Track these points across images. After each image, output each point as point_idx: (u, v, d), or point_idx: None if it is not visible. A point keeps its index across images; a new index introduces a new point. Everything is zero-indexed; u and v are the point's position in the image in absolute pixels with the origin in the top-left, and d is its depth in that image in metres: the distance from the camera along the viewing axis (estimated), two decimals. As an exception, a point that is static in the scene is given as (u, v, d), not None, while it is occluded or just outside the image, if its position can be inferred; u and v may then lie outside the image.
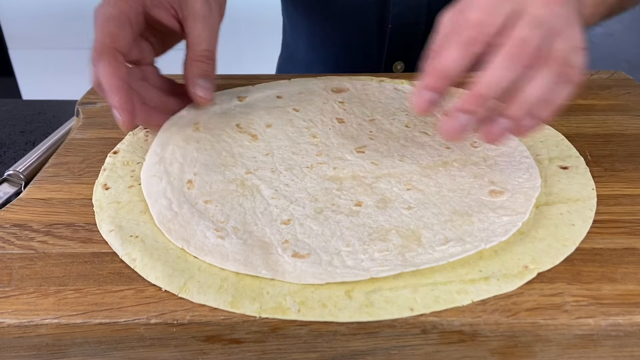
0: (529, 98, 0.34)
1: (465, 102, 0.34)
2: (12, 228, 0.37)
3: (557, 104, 0.34)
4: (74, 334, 0.30)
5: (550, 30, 0.34)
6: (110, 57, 0.40)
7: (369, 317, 0.30)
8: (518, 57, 0.33)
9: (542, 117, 0.34)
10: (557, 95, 0.34)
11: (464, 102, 0.34)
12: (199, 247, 0.34)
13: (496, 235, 0.34)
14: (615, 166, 0.42)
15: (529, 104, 0.34)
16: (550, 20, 0.34)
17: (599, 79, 0.56)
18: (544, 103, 0.34)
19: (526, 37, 0.33)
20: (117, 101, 0.40)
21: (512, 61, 0.33)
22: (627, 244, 0.34)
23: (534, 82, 0.34)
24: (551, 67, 0.34)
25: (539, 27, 0.34)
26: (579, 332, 0.30)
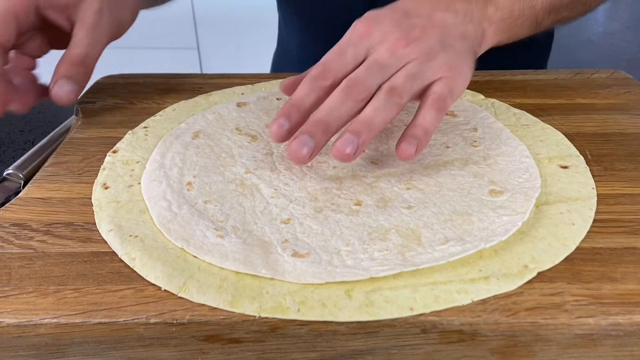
0: (366, 117, 0.38)
1: (306, 126, 0.38)
2: (11, 227, 0.37)
3: (382, 122, 0.39)
4: (73, 333, 0.30)
5: (387, 69, 0.40)
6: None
7: (369, 316, 0.30)
8: (348, 92, 0.39)
9: (378, 128, 0.39)
10: (384, 115, 0.39)
11: (305, 126, 0.38)
12: (198, 246, 0.34)
13: (496, 234, 0.34)
14: (615, 165, 0.42)
15: (367, 122, 0.38)
16: (390, 63, 0.41)
17: (599, 78, 0.56)
18: (378, 119, 0.39)
19: (358, 76, 0.40)
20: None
21: (345, 94, 0.39)
22: (627, 244, 0.34)
23: (370, 105, 0.39)
24: (380, 97, 0.39)
25: (373, 68, 0.40)
26: (579, 331, 0.30)
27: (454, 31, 0.44)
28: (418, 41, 0.42)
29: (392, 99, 0.39)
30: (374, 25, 0.43)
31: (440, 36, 0.43)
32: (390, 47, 0.41)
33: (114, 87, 0.57)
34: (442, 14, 0.44)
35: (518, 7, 0.48)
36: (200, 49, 1.85)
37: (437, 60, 0.42)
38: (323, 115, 0.39)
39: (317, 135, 0.38)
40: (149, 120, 0.49)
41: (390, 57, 0.41)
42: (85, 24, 0.47)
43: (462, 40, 0.44)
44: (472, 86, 0.54)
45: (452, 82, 0.41)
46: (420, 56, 0.41)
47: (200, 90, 0.55)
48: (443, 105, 0.40)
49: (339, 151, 0.37)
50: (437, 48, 0.42)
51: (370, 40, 0.42)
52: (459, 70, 0.42)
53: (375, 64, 0.41)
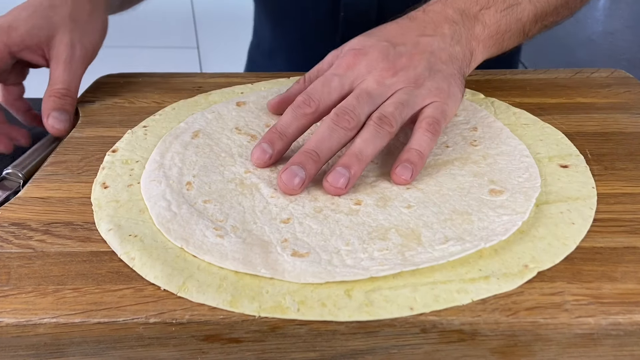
0: (356, 149, 0.39)
1: (297, 156, 0.39)
2: (10, 227, 0.37)
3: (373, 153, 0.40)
4: (73, 333, 0.30)
5: (376, 98, 0.41)
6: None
7: (369, 316, 0.30)
8: (338, 122, 0.40)
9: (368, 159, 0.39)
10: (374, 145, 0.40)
11: (296, 157, 0.39)
12: (198, 246, 0.34)
13: (496, 234, 0.34)
14: (615, 165, 0.42)
15: (357, 154, 0.39)
16: (378, 92, 0.42)
17: (598, 77, 0.56)
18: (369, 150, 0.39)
19: (348, 105, 0.40)
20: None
21: (335, 124, 0.40)
22: (627, 243, 0.34)
23: (360, 136, 0.40)
24: (369, 127, 0.40)
25: (363, 97, 0.41)
26: (579, 331, 0.30)
27: (442, 55, 0.44)
28: (405, 70, 0.43)
29: (382, 129, 0.40)
30: (360, 56, 0.43)
31: (428, 62, 0.43)
32: (378, 77, 0.42)
33: (114, 86, 0.57)
34: (428, 39, 0.45)
35: (505, 22, 0.48)
36: (200, 49, 1.85)
37: (425, 87, 0.42)
38: (313, 146, 0.39)
39: (308, 165, 0.38)
40: (149, 120, 0.49)
41: (379, 86, 0.42)
42: (61, 59, 0.50)
43: (450, 63, 0.44)
44: (472, 85, 0.54)
45: (442, 105, 0.42)
46: (409, 84, 0.42)
47: (200, 90, 0.55)
48: (437, 129, 0.41)
49: (331, 185, 0.38)
50: (425, 74, 0.43)
51: (357, 71, 0.43)
52: (447, 93, 0.43)
53: (364, 93, 0.41)
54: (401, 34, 0.45)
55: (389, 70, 0.42)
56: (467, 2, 0.48)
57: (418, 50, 0.44)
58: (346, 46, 0.46)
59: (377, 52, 0.43)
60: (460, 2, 0.47)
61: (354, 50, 0.44)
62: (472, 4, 0.48)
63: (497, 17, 0.48)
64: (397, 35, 0.45)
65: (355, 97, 0.41)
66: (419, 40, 0.44)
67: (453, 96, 0.43)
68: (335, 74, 0.43)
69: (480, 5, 0.48)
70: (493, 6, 0.48)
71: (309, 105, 0.41)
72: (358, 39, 0.46)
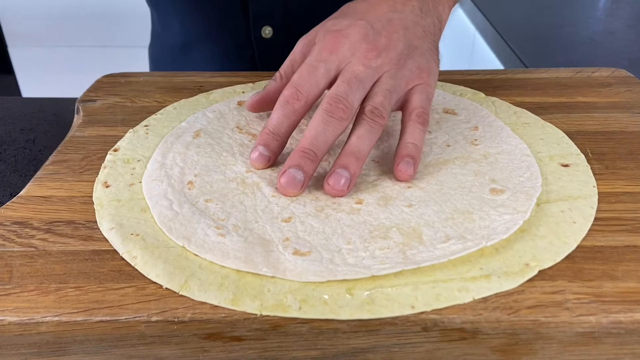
0: (353, 147, 0.38)
1: (293, 157, 0.38)
2: (12, 226, 0.37)
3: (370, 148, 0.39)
4: (75, 331, 0.30)
5: (366, 82, 0.40)
6: None
7: (370, 314, 0.30)
8: (333, 113, 0.39)
9: (366, 155, 0.39)
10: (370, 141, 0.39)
11: (293, 158, 0.38)
12: (199, 245, 0.34)
13: (497, 233, 0.34)
14: (616, 164, 0.42)
15: (354, 152, 0.38)
16: (366, 75, 0.40)
17: (599, 77, 0.56)
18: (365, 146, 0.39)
19: (342, 93, 0.39)
20: None
21: (329, 116, 0.38)
22: (628, 242, 0.34)
23: (355, 134, 0.39)
24: (363, 122, 0.39)
25: (354, 83, 0.40)
26: (580, 329, 0.30)
27: (416, 30, 0.44)
28: (387, 50, 0.42)
29: (375, 123, 0.40)
30: (341, 38, 0.42)
31: (405, 39, 0.43)
32: (363, 59, 0.41)
33: (115, 85, 0.57)
34: (400, 15, 0.44)
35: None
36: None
37: (407, 67, 0.42)
38: (309, 143, 0.39)
39: (306, 166, 0.38)
40: (150, 119, 0.49)
41: (366, 69, 0.41)
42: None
43: (424, 37, 0.44)
44: (473, 85, 0.54)
45: (426, 87, 0.42)
46: (393, 67, 0.42)
47: (201, 89, 0.55)
48: (427, 118, 0.41)
49: (332, 188, 0.38)
50: (405, 53, 0.43)
51: (340, 55, 0.42)
52: (428, 71, 0.43)
53: (354, 78, 0.40)
54: (373, 11, 0.44)
55: (373, 51, 0.42)
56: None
57: (394, 27, 0.43)
58: (320, 30, 0.45)
59: (357, 32, 0.42)
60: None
61: (333, 32, 0.43)
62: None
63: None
64: (368, 12, 0.44)
65: (346, 82, 0.40)
66: (392, 17, 0.44)
67: (433, 72, 0.44)
68: (319, 59, 0.42)
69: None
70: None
71: (297, 99, 0.40)
72: (331, 21, 0.45)
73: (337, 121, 0.39)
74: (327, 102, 0.39)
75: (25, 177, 0.50)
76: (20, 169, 0.52)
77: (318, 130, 0.39)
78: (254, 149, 0.41)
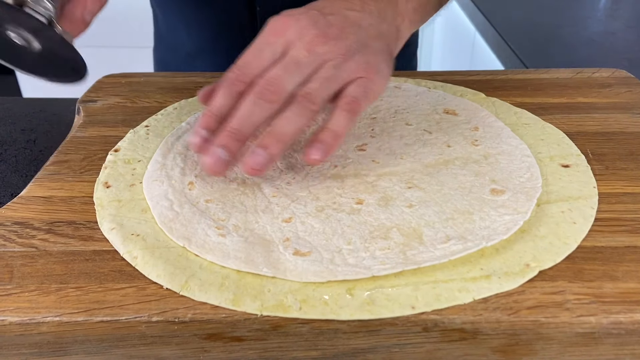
0: (277, 129, 0.38)
1: (220, 137, 0.38)
2: (13, 226, 0.37)
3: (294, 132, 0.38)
4: (76, 331, 0.30)
5: (305, 68, 0.39)
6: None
7: (371, 315, 0.30)
8: (263, 95, 0.38)
9: (289, 138, 0.38)
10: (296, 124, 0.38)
11: (219, 138, 0.37)
12: (200, 245, 0.34)
13: (497, 233, 0.34)
14: (616, 164, 0.42)
15: (277, 134, 0.38)
16: (308, 61, 0.39)
17: (599, 78, 0.56)
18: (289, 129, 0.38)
19: (275, 77, 0.38)
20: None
21: (258, 98, 0.38)
22: (628, 242, 0.34)
23: (282, 115, 0.38)
24: (293, 105, 0.38)
25: (291, 68, 0.39)
26: (580, 330, 0.30)
27: (370, 31, 0.43)
28: (336, 40, 0.41)
29: (304, 107, 0.38)
30: (290, 22, 0.41)
31: (358, 36, 0.42)
32: (308, 44, 0.40)
33: (116, 86, 0.57)
34: (356, 13, 0.44)
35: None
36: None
37: (355, 61, 0.41)
38: (236, 124, 0.38)
39: (231, 145, 0.37)
40: (151, 119, 0.49)
41: (309, 54, 0.40)
42: None
43: (378, 39, 0.43)
44: (473, 85, 0.54)
45: (368, 82, 0.41)
46: (338, 56, 0.41)
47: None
48: (357, 108, 0.40)
49: (248, 165, 0.37)
50: (355, 47, 0.41)
51: (287, 37, 0.41)
52: (376, 69, 0.41)
53: (293, 63, 0.39)
54: (330, 6, 0.44)
55: (320, 37, 0.41)
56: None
57: (348, 22, 0.42)
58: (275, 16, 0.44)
59: (307, 18, 0.41)
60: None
61: (284, 16, 0.42)
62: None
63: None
64: (325, 6, 0.44)
65: (283, 67, 0.39)
66: (347, 14, 0.43)
67: (381, 72, 0.42)
68: (265, 42, 0.41)
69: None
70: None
71: (242, 82, 0.39)
72: (285, 11, 0.43)
73: (266, 103, 0.38)
74: (258, 84, 0.38)
75: (26, 177, 0.50)
76: (21, 169, 0.52)
77: (245, 111, 0.38)
78: (194, 132, 0.39)
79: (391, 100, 0.51)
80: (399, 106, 0.50)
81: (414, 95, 0.52)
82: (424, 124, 0.47)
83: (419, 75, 0.57)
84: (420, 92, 0.52)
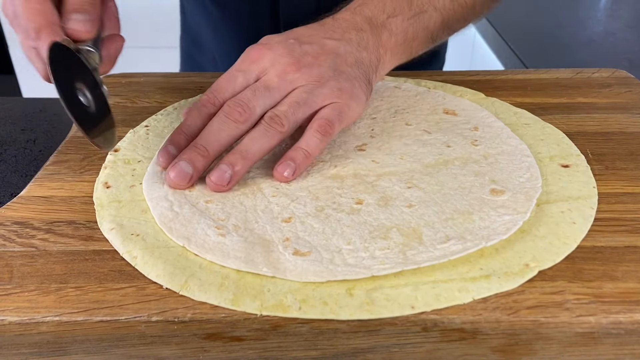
0: (242, 147, 0.39)
1: (185, 151, 0.39)
2: (13, 226, 0.37)
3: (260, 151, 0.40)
4: (75, 331, 0.30)
5: (275, 92, 0.41)
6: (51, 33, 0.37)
7: (370, 315, 0.30)
8: (230, 114, 0.40)
9: (254, 157, 0.39)
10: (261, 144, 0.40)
11: (184, 152, 0.39)
12: (200, 244, 0.34)
13: (497, 233, 0.34)
14: (616, 164, 0.42)
15: (242, 152, 0.39)
16: (278, 86, 0.41)
17: (599, 78, 0.56)
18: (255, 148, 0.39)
19: (243, 98, 0.40)
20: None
21: (225, 117, 0.40)
22: (628, 242, 0.34)
23: (249, 135, 0.40)
24: (259, 125, 0.40)
25: (260, 91, 0.41)
26: (580, 330, 0.30)
27: (347, 58, 0.44)
28: (309, 67, 0.42)
29: (271, 128, 0.40)
30: (265, 50, 0.43)
31: (333, 62, 0.43)
32: (280, 71, 0.42)
33: (115, 86, 0.57)
34: (335, 42, 0.45)
35: (412, 30, 0.49)
36: (201, 48, 1.85)
37: (328, 86, 0.42)
38: (203, 140, 0.39)
39: (196, 160, 0.39)
40: (150, 119, 0.49)
41: (280, 80, 0.41)
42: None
43: (355, 66, 0.44)
44: (473, 85, 0.54)
45: (342, 107, 0.42)
46: (310, 82, 0.42)
47: (201, 90, 0.55)
48: (329, 130, 0.41)
49: (214, 183, 0.38)
50: (329, 74, 0.43)
51: (261, 65, 0.42)
52: (349, 94, 0.42)
53: (262, 86, 0.41)
54: (309, 35, 0.45)
55: (293, 65, 0.42)
56: (375, 10, 0.48)
57: (324, 50, 0.44)
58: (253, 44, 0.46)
59: (282, 47, 0.43)
60: (367, 10, 0.48)
61: (259, 45, 0.44)
62: (379, 13, 0.48)
63: (405, 25, 0.48)
64: (304, 35, 0.45)
65: (252, 90, 0.41)
66: (325, 42, 0.44)
67: (356, 98, 0.43)
68: (239, 69, 0.43)
69: (387, 13, 0.48)
70: (400, 15, 0.48)
71: (213, 104, 0.41)
72: (265, 37, 0.46)
73: (233, 123, 0.40)
74: (226, 104, 0.40)
75: (26, 177, 0.50)
76: (20, 169, 0.52)
77: (213, 129, 0.40)
78: (163, 148, 0.41)
79: (391, 100, 0.51)
80: (398, 106, 0.50)
81: (414, 95, 0.52)
82: (423, 124, 0.47)
83: (418, 75, 0.57)
84: (420, 92, 0.52)
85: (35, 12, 0.38)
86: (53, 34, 0.37)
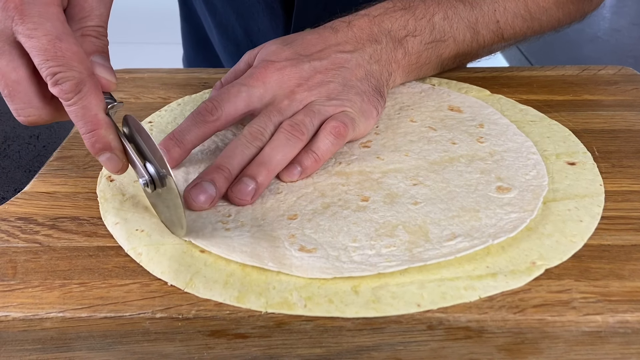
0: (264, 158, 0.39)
1: (208, 172, 0.38)
2: (17, 221, 0.37)
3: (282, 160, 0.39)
4: (79, 327, 0.30)
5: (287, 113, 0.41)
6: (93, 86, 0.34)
7: (376, 312, 0.30)
8: (251, 141, 0.39)
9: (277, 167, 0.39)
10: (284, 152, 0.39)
11: (207, 172, 0.38)
12: (205, 239, 0.34)
13: (504, 231, 0.34)
14: (623, 162, 0.42)
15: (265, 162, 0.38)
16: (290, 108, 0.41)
17: (606, 75, 0.55)
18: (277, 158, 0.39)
19: (260, 125, 0.40)
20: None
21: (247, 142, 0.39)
22: (635, 241, 0.34)
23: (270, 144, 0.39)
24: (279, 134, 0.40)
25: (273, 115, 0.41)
26: (587, 328, 0.29)
27: (357, 72, 0.44)
28: (319, 86, 0.42)
29: (292, 136, 0.39)
30: (273, 70, 0.42)
31: (342, 77, 0.43)
32: (289, 93, 0.42)
33: (119, 82, 0.56)
34: (346, 55, 0.44)
35: (426, 54, 0.49)
36: (204, 45, 1.85)
37: (338, 99, 0.42)
38: (225, 162, 0.38)
39: (219, 182, 0.37)
40: (154, 115, 0.49)
41: (290, 102, 0.42)
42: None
43: (365, 80, 0.44)
44: (478, 82, 0.54)
45: (353, 114, 0.42)
46: (320, 97, 0.42)
47: (205, 86, 0.55)
48: (343, 132, 0.41)
49: (236, 196, 0.37)
50: (339, 89, 0.43)
51: (268, 86, 0.42)
52: (359, 107, 0.43)
53: (275, 111, 0.41)
54: (320, 49, 0.45)
55: (302, 87, 0.42)
56: (395, 24, 0.47)
57: (334, 65, 0.44)
58: (261, 53, 0.45)
59: (291, 66, 0.43)
60: (388, 22, 0.47)
61: (267, 62, 0.43)
62: (400, 28, 0.47)
63: (420, 48, 0.48)
64: (314, 45, 0.45)
65: (268, 116, 0.41)
66: (335, 57, 0.44)
67: (366, 112, 0.43)
68: (244, 84, 0.42)
69: (407, 31, 0.47)
70: (419, 35, 0.48)
71: (211, 113, 0.40)
72: (274, 46, 0.45)
73: (255, 148, 0.39)
74: (247, 132, 0.40)
75: (30, 173, 0.50)
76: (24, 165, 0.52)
77: (235, 151, 0.39)
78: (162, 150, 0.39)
79: (396, 97, 0.51)
80: (403, 103, 0.50)
81: (419, 92, 0.52)
82: (428, 121, 0.47)
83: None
84: (425, 89, 0.52)
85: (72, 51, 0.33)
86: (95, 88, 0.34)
